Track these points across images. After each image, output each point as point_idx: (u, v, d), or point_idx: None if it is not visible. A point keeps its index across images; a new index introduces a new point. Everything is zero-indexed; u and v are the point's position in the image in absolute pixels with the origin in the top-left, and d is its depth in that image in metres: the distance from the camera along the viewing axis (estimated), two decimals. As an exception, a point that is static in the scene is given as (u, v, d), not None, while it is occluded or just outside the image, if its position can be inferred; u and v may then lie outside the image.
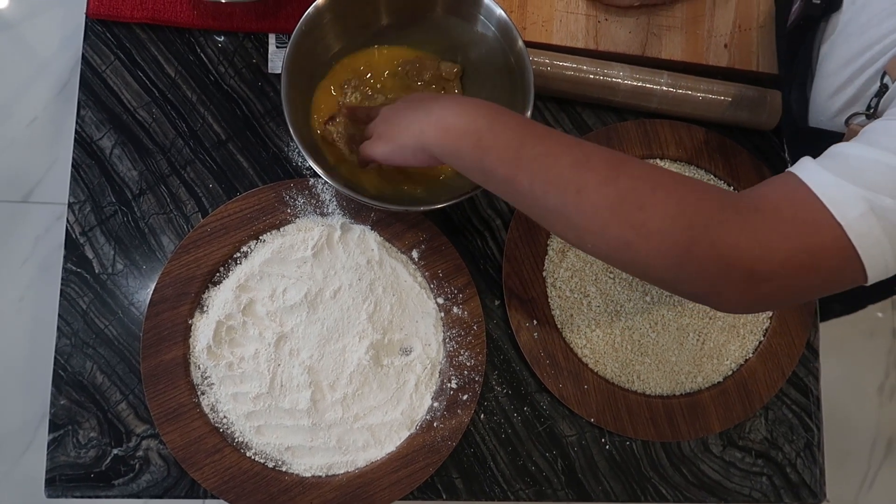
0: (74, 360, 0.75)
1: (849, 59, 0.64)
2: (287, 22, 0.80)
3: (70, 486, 0.73)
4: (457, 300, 0.76)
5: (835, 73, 0.66)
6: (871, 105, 0.59)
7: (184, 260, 0.74)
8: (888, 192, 0.46)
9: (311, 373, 0.74)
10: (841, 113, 0.65)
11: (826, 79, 0.68)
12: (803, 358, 0.81)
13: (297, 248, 0.75)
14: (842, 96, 0.65)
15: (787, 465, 0.80)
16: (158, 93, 0.79)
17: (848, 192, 0.46)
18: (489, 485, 0.77)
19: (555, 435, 0.78)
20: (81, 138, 0.78)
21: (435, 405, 0.75)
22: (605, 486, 0.78)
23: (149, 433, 0.74)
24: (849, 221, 0.46)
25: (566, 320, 0.78)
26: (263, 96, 0.80)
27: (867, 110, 0.59)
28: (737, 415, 0.78)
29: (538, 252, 0.78)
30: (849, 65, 0.64)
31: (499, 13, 0.70)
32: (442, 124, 0.58)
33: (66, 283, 0.76)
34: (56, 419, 0.74)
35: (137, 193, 0.78)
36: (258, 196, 0.76)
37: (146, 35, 0.80)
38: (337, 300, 0.75)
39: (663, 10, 0.82)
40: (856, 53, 0.63)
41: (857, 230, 0.46)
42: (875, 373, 1.72)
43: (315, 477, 0.73)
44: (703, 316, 0.79)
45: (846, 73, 0.64)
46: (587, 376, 0.77)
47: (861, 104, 0.62)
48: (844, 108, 0.65)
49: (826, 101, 0.68)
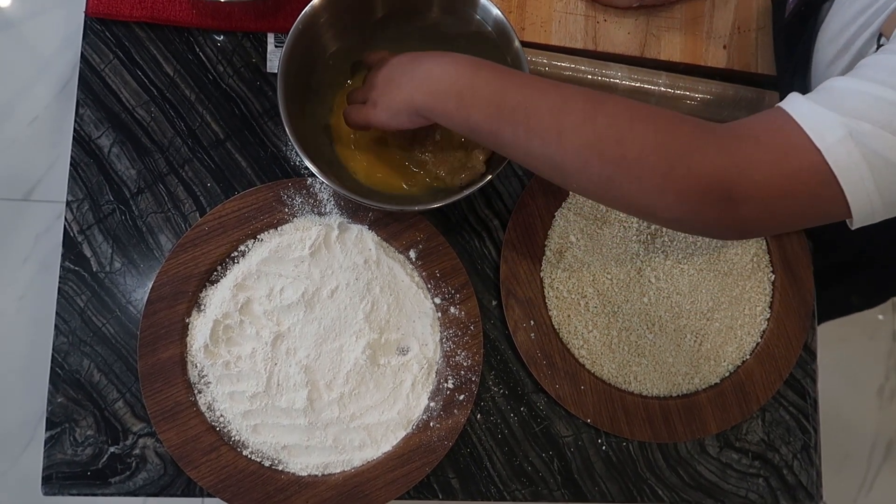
0: (72, 357, 0.75)
1: (842, 27, 0.64)
2: (286, 21, 0.80)
3: (67, 484, 0.73)
4: (454, 300, 0.76)
5: (831, 43, 0.66)
6: None
7: (181, 258, 0.74)
8: (869, 118, 0.46)
9: (307, 372, 0.74)
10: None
11: (823, 50, 0.68)
12: (801, 360, 0.81)
13: (295, 247, 0.76)
14: (838, 65, 0.65)
15: (783, 466, 0.80)
16: (157, 91, 0.79)
17: (828, 119, 0.47)
18: (485, 485, 0.77)
19: (551, 435, 0.78)
20: (80, 137, 0.78)
21: (431, 405, 0.75)
22: (602, 487, 0.78)
23: (145, 431, 0.74)
24: (826, 146, 0.46)
25: (563, 321, 0.78)
26: (262, 95, 0.80)
27: None
28: (734, 416, 0.78)
29: (535, 253, 0.78)
30: (844, 32, 0.64)
31: (495, 13, 0.70)
32: (427, 87, 0.60)
33: (64, 281, 0.76)
34: (53, 417, 0.74)
35: (136, 192, 0.78)
36: (256, 195, 0.76)
37: (145, 34, 0.80)
38: (334, 299, 0.75)
39: (662, 11, 0.82)
40: (849, 20, 0.63)
41: (836, 154, 0.46)
42: (875, 375, 1.72)
43: (311, 476, 0.73)
44: (700, 317, 0.79)
45: (841, 41, 0.64)
46: (584, 377, 0.77)
47: None
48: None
49: (823, 71, 0.68)
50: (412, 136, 0.74)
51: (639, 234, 0.79)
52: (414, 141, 0.75)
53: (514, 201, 0.80)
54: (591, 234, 0.79)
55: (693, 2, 0.83)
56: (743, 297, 0.79)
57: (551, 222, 0.79)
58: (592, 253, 0.78)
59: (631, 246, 0.79)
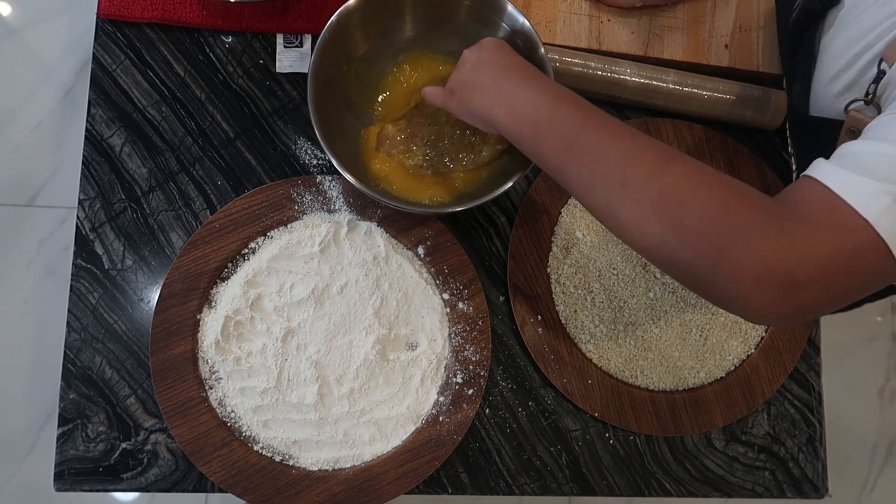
0: (84, 354, 0.76)
1: (847, 44, 0.65)
2: (295, 22, 0.81)
3: (79, 480, 0.74)
4: (462, 296, 0.77)
5: (833, 60, 0.67)
6: (869, 91, 0.60)
7: (192, 256, 0.75)
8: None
9: (317, 367, 0.75)
10: (839, 97, 0.66)
11: (826, 66, 0.69)
12: (805, 353, 0.81)
13: (305, 244, 0.76)
14: (840, 81, 0.66)
15: (789, 459, 0.80)
16: (168, 91, 0.80)
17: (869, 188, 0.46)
18: (494, 479, 0.77)
19: (559, 429, 0.78)
20: (92, 136, 0.79)
21: (440, 400, 0.75)
22: (609, 481, 0.78)
23: (157, 427, 0.75)
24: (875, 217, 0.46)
25: (570, 316, 0.78)
26: (271, 95, 0.81)
27: (865, 96, 0.61)
28: (739, 410, 0.79)
29: (542, 249, 0.79)
30: (847, 50, 0.65)
31: (521, 20, 0.70)
32: (508, 107, 0.60)
33: (76, 278, 0.77)
34: (65, 413, 0.75)
35: (147, 190, 0.79)
36: (266, 193, 0.77)
37: (156, 35, 0.81)
38: (344, 296, 0.76)
39: (665, 10, 0.84)
40: (853, 39, 0.64)
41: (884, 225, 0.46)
42: (875, 377, 1.72)
43: (322, 471, 0.74)
44: (705, 312, 0.80)
45: (844, 58, 0.65)
46: (591, 371, 0.78)
47: (859, 90, 0.63)
48: (843, 93, 0.66)
49: (825, 87, 0.69)
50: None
51: (644, 230, 0.80)
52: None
53: (520, 198, 0.81)
54: (597, 229, 0.80)
55: (695, 1, 0.84)
56: (747, 291, 0.80)
57: (558, 219, 0.80)
58: (598, 248, 0.79)
59: (636, 241, 0.80)
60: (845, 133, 0.62)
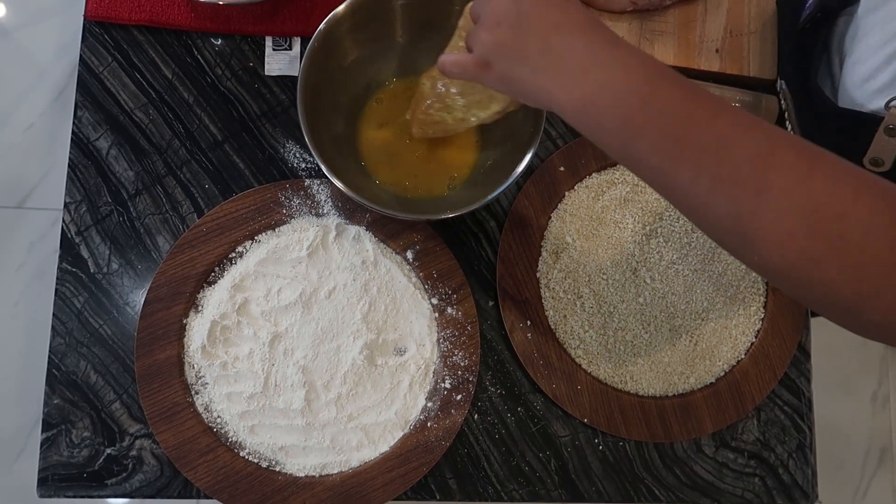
0: (68, 359, 0.75)
1: (882, 42, 0.64)
2: (284, 25, 0.81)
3: (63, 486, 0.73)
4: (451, 301, 0.77)
5: (867, 59, 0.67)
6: None
7: (179, 259, 0.75)
8: None
9: (305, 372, 0.74)
10: (879, 94, 0.65)
11: (857, 65, 0.68)
12: (795, 359, 0.81)
13: (293, 248, 0.76)
14: (879, 79, 0.65)
15: (779, 465, 0.80)
16: (155, 94, 0.80)
17: None
18: (483, 485, 0.77)
19: (548, 435, 0.78)
20: (78, 139, 0.79)
21: (429, 405, 0.75)
22: (599, 487, 0.78)
23: (142, 433, 0.74)
24: None
25: (560, 321, 0.78)
26: (260, 98, 0.81)
27: None
28: (729, 416, 0.78)
29: (532, 253, 0.79)
30: (882, 48, 0.64)
31: None
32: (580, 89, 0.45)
33: (62, 282, 0.76)
34: (49, 418, 0.74)
35: (133, 194, 0.78)
36: (254, 196, 0.76)
37: (144, 37, 0.81)
38: (332, 300, 0.75)
39: (656, 15, 0.83)
40: (889, 36, 0.63)
41: None
42: (868, 382, 1.72)
43: (308, 477, 0.73)
44: (695, 317, 0.79)
45: (880, 56, 0.64)
46: (580, 377, 0.77)
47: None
48: (883, 90, 0.64)
49: (860, 85, 0.68)
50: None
51: (634, 235, 0.79)
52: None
53: (510, 202, 0.80)
54: (587, 234, 0.79)
55: (685, 6, 0.84)
56: (737, 296, 0.80)
57: (547, 223, 0.79)
58: (588, 253, 0.79)
59: (626, 246, 0.79)
60: (883, 130, 0.62)
